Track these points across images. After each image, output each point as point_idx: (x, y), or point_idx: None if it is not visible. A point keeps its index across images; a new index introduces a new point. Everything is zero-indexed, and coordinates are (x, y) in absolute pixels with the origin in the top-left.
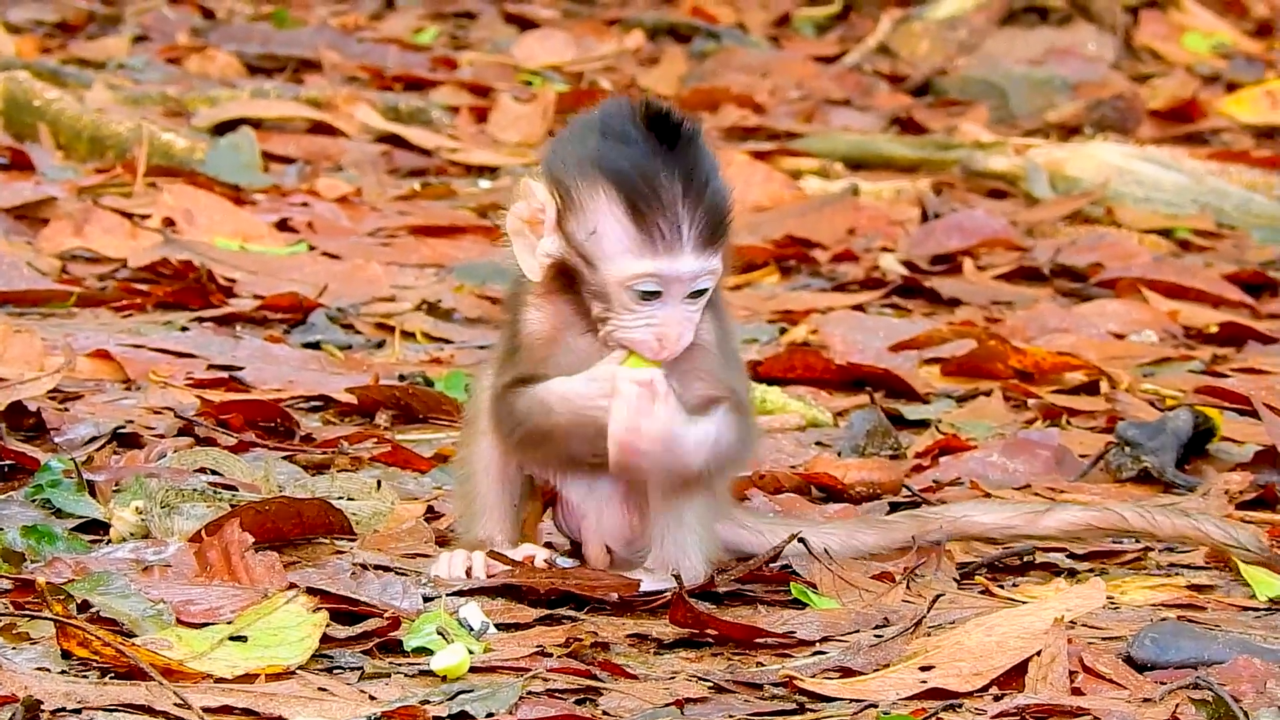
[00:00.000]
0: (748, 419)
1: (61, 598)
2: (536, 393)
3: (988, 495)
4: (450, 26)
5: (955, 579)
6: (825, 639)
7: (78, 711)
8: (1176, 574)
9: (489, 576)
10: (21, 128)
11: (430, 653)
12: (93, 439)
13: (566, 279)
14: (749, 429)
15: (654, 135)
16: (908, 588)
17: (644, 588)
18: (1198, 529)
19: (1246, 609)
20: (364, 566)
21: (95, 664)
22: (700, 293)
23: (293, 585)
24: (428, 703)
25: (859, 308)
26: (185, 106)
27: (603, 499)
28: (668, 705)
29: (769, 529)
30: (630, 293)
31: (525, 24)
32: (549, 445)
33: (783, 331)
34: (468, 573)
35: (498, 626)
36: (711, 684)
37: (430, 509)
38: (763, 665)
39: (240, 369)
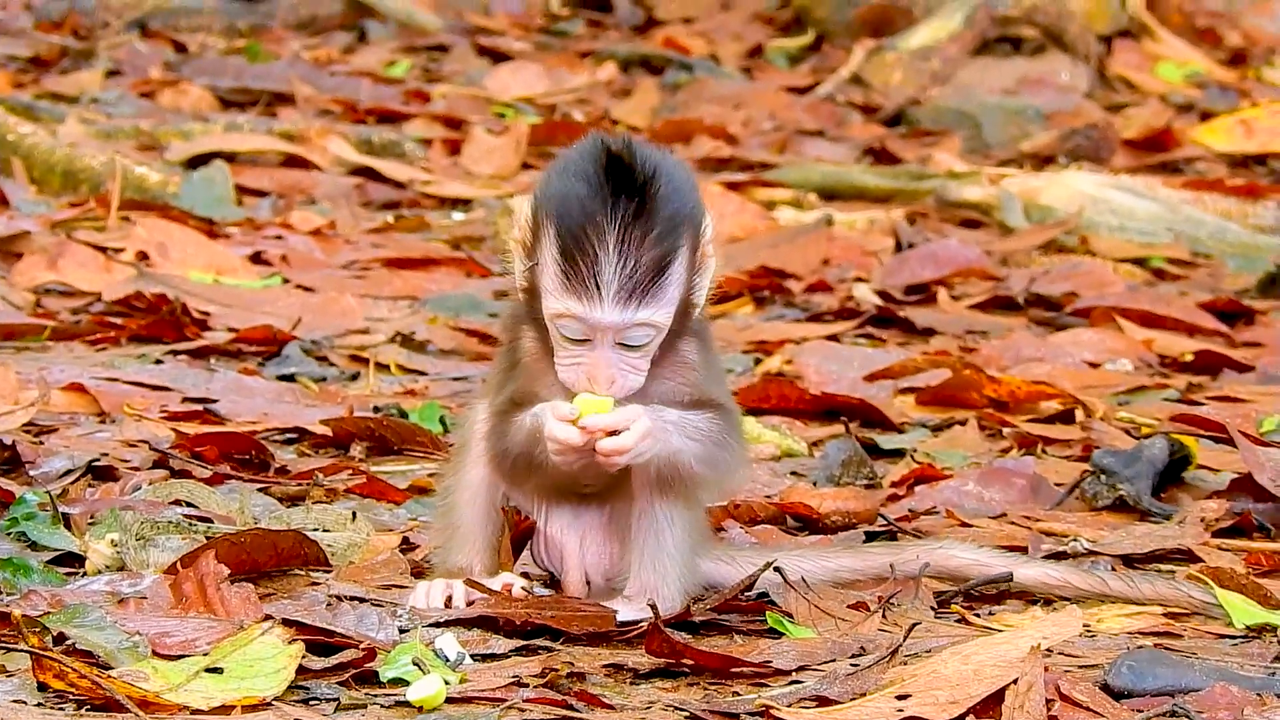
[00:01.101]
0: (737, 431)
1: (37, 630)
2: (524, 420)
3: (964, 525)
4: (423, 60)
5: (932, 607)
6: (801, 668)
7: None
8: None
9: (468, 605)
10: None
11: (406, 683)
12: (68, 472)
13: None
14: (738, 439)
15: (609, 181)
16: (884, 616)
17: (620, 617)
18: (1180, 592)
19: (1224, 637)
20: (339, 598)
21: (71, 696)
22: (638, 345)
23: (268, 617)
24: None
25: (833, 338)
26: (158, 140)
27: (585, 528)
28: None
29: (746, 560)
30: (558, 332)
31: (498, 57)
32: (539, 471)
33: (757, 362)
34: (447, 601)
35: (473, 657)
36: (688, 714)
37: (405, 540)
38: (739, 695)
39: (215, 401)
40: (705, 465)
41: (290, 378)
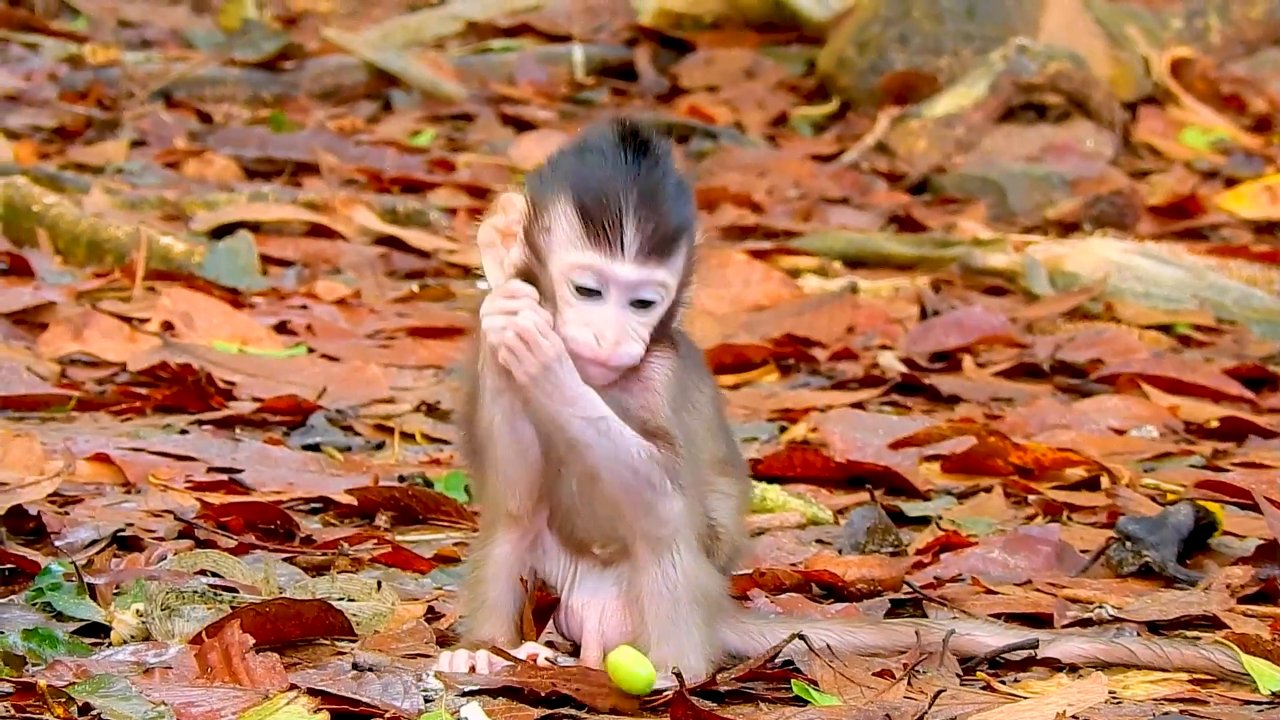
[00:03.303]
0: (679, 464)
1: (63, 700)
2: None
3: (990, 592)
4: (447, 129)
5: (957, 674)
6: None
7: None
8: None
9: (493, 674)
10: (20, 233)
11: None
12: (93, 542)
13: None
14: (677, 469)
15: (622, 148)
16: (909, 684)
17: None
18: (1208, 659)
19: (1249, 703)
20: (365, 667)
21: None
22: (646, 304)
23: (294, 686)
24: None
25: (858, 405)
26: (183, 210)
27: (606, 601)
28: None
29: (770, 630)
30: (571, 286)
31: (522, 125)
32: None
33: (782, 430)
34: (472, 670)
35: None
36: None
37: (431, 609)
38: None
39: (240, 471)
40: (612, 473)
41: (315, 447)
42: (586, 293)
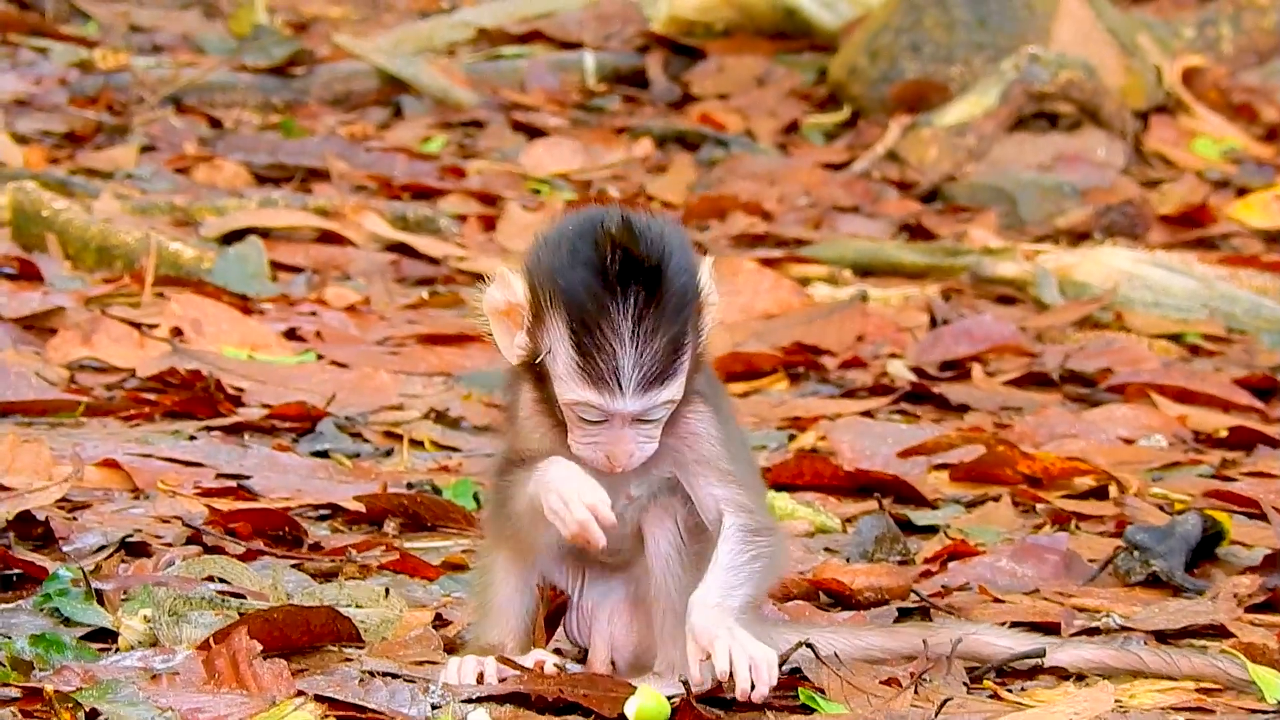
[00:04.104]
0: (764, 513)
1: (70, 706)
2: (524, 488)
3: (997, 601)
4: (458, 135)
5: (964, 683)
6: None
7: None
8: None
9: (500, 681)
10: (30, 238)
11: None
12: (101, 548)
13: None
14: (768, 520)
15: (617, 267)
16: (916, 692)
17: None
18: (1215, 668)
19: (1256, 712)
20: (372, 674)
21: None
22: (655, 419)
23: (301, 693)
24: None
25: (868, 414)
26: (193, 216)
27: (614, 605)
28: None
29: (777, 637)
30: (574, 413)
31: (533, 132)
32: (537, 541)
33: (791, 438)
34: (479, 678)
35: None
36: None
37: (439, 616)
38: None
39: (248, 478)
40: (767, 583)
41: (324, 454)
42: (591, 421)
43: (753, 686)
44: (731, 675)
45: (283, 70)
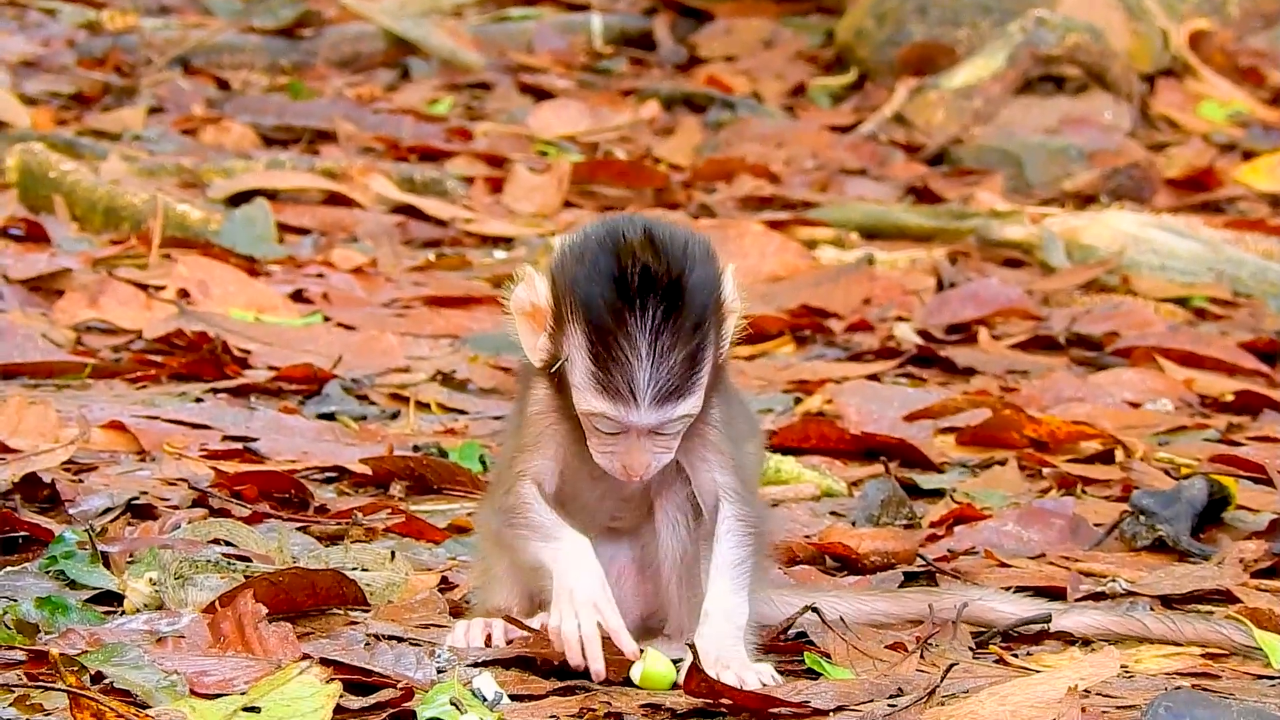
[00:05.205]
0: (753, 506)
1: (75, 669)
2: (529, 540)
3: (1003, 565)
4: (465, 97)
5: (970, 648)
6: (839, 709)
7: None
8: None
9: (507, 644)
10: (37, 199)
11: None
12: (107, 510)
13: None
14: (759, 516)
15: (635, 277)
16: (922, 657)
17: None
18: (1220, 633)
19: (1262, 677)
20: (377, 637)
21: None
22: (672, 432)
23: (306, 656)
24: None
25: (874, 377)
26: (200, 178)
27: (621, 568)
28: None
29: (784, 599)
30: (591, 422)
31: (540, 94)
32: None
33: (797, 401)
34: (487, 640)
35: (511, 697)
36: None
37: (444, 580)
38: None
39: (254, 440)
40: (760, 571)
41: (330, 416)
42: (608, 432)
43: None
44: None
45: (290, 32)
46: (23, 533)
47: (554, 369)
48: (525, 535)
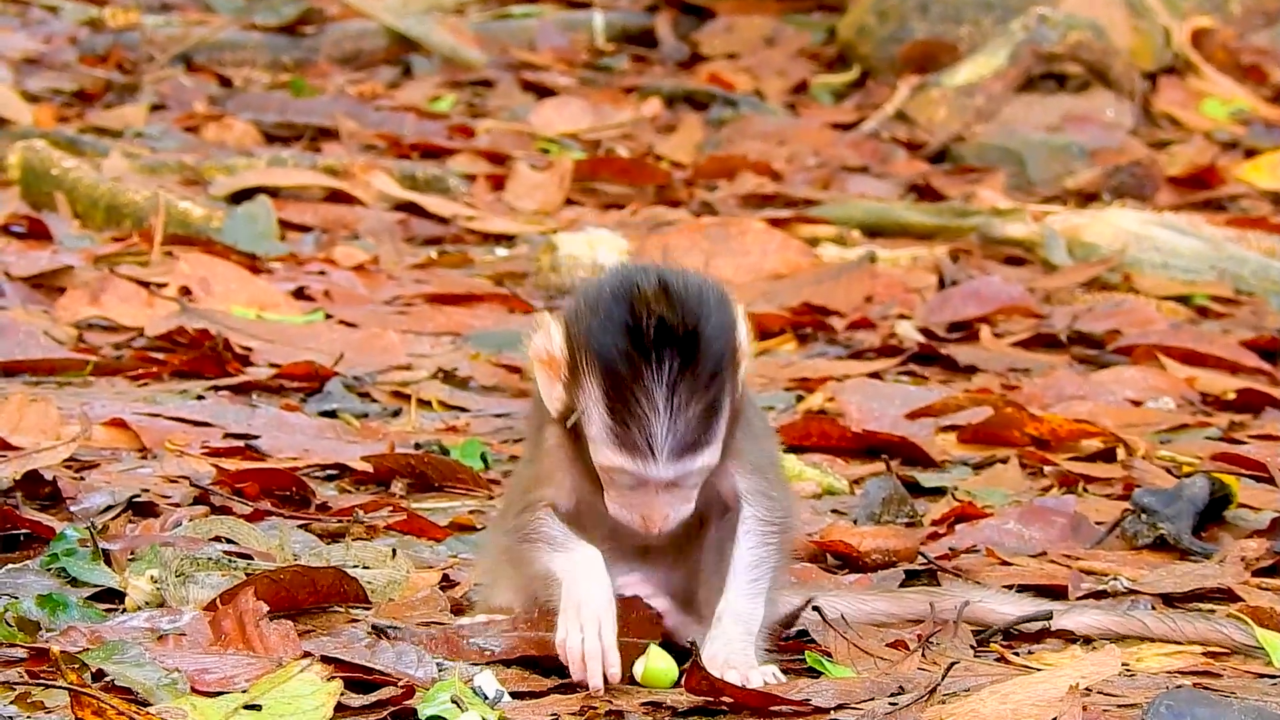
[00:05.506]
0: (782, 501)
1: (76, 666)
2: (539, 550)
3: (1005, 563)
4: (467, 95)
5: (971, 646)
6: (840, 707)
7: None
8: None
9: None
10: (39, 196)
11: None
12: (108, 508)
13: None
14: (789, 511)
15: (651, 330)
16: (923, 655)
17: None
18: (1221, 632)
19: (1263, 676)
20: (379, 634)
21: None
22: (691, 485)
23: (307, 654)
24: None
25: (875, 375)
26: (202, 175)
27: (621, 574)
28: None
29: (785, 598)
30: (609, 477)
31: (542, 92)
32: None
33: (799, 399)
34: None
35: (512, 695)
36: None
37: (445, 577)
38: None
39: (256, 437)
40: (782, 574)
41: (332, 414)
42: (626, 483)
43: None
44: None
45: (292, 29)
46: (24, 530)
47: (570, 421)
48: (537, 546)
